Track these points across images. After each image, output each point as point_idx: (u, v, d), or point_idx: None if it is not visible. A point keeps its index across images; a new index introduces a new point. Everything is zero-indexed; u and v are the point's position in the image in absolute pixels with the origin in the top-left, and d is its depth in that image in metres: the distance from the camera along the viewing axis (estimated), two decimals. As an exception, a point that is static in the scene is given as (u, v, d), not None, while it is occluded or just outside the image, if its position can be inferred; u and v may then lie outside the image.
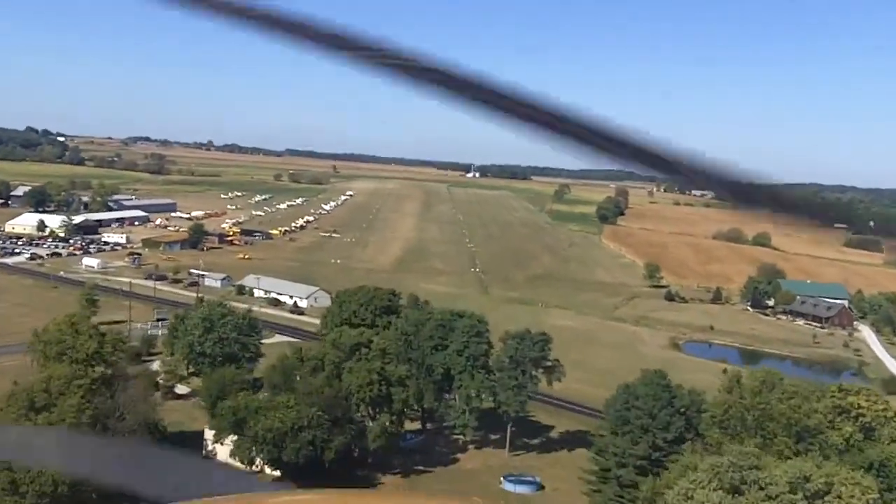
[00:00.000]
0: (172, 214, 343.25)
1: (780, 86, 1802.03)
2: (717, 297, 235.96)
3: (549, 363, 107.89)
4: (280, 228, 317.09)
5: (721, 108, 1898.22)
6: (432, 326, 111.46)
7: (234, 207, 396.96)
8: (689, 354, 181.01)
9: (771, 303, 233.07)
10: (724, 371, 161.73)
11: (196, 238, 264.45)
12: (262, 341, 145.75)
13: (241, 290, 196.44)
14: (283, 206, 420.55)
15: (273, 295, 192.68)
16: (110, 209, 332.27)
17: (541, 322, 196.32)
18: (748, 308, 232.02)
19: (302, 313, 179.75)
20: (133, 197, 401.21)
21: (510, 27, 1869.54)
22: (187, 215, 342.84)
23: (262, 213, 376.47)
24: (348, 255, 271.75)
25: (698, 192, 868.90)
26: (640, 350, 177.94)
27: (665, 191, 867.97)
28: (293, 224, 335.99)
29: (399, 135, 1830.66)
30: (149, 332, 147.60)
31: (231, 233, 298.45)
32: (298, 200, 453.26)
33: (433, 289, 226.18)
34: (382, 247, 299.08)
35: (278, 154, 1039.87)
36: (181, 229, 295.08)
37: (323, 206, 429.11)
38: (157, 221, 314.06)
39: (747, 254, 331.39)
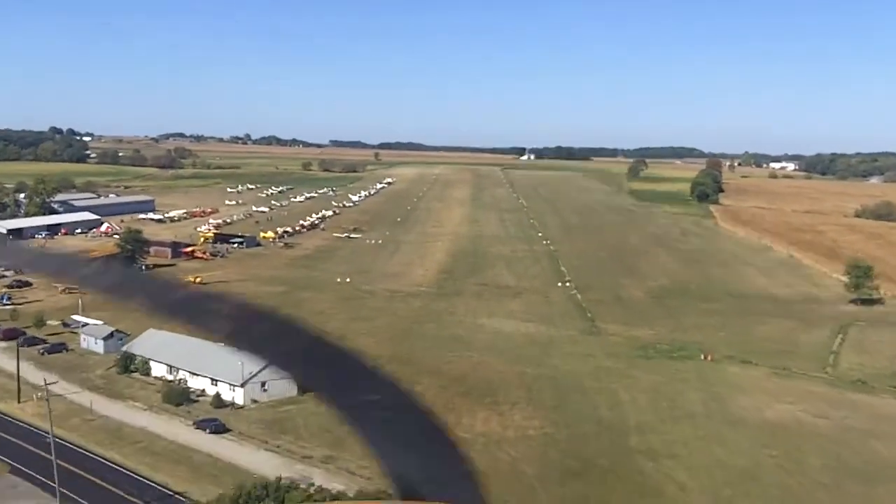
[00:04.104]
0: (141, 216, 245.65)
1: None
2: None
3: None
4: (278, 229, 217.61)
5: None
6: None
7: (234, 203, 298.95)
8: None
9: None
10: None
11: (131, 252, 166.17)
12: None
13: (127, 364, 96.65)
14: (298, 199, 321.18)
15: (183, 374, 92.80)
16: (54, 211, 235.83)
17: (731, 410, 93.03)
18: None
19: (223, 430, 78.93)
20: (112, 194, 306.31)
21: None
22: (159, 216, 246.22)
23: (267, 210, 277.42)
24: (366, 268, 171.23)
25: (778, 165, 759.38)
26: None
27: (740, 164, 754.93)
28: (300, 222, 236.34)
29: (447, 123, 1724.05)
30: None
31: (202, 238, 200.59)
32: (323, 190, 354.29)
33: (503, 328, 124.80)
34: (420, 250, 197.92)
35: (319, 146, 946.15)
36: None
37: (350, 196, 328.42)
38: (104, 227, 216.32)
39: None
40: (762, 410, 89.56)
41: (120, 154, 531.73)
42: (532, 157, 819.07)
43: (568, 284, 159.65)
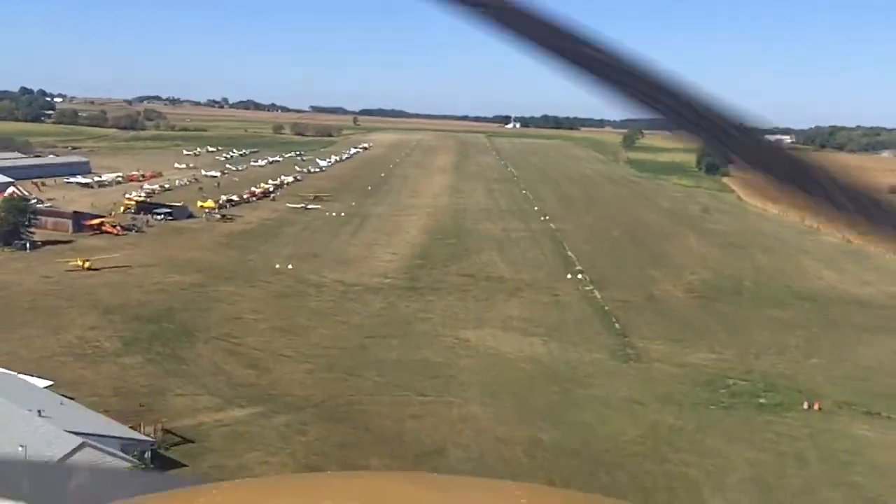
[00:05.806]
0: (69, 180, 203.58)
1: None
2: None
3: None
4: (222, 198, 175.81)
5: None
6: None
7: (184, 166, 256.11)
8: None
9: None
10: None
11: (12, 225, 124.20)
12: None
13: None
14: (260, 163, 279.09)
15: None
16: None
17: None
18: None
19: None
20: (51, 155, 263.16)
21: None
22: (87, 181, 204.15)
23: (219, 174, 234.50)
24: (318, 250, 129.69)
25: (772, 138, 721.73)
26: None
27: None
28: (252, 189, 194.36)
29: (430, 91, 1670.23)
30: None
31: (123, 208, 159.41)
32: (290, 155, 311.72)
33: (498, 347, 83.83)
34: (390, 226, 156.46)
35: (299, 111, 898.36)
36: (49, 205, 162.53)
37: (318, 161, 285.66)
38: (8, 192, 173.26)
39: None
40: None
41: (80, 114, 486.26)
42: (517, 125, 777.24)
43: (580, 277, 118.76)
